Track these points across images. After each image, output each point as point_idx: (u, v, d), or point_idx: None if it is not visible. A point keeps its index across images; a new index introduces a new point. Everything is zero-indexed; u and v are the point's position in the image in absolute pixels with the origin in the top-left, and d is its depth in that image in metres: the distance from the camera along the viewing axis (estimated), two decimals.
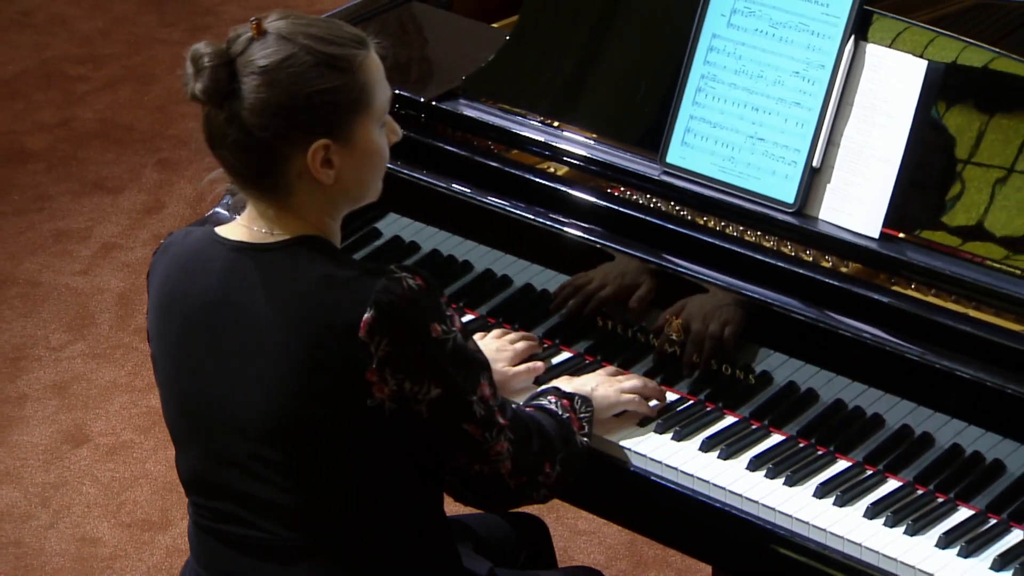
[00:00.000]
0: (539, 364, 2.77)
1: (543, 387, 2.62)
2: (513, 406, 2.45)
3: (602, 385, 2.64)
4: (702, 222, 2.72)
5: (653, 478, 2.62)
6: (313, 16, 2.37)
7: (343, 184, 2.35)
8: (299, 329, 2.29)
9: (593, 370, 2.76)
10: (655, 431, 2.66)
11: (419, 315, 2.29)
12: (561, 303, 2.81)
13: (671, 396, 2.71)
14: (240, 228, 2.37)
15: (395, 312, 2.27)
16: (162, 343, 2.41)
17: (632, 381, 2.67)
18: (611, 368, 2.74)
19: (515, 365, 2.74)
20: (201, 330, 2.36)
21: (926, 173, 2.59)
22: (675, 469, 2.60)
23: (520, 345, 2.77)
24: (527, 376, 2.74)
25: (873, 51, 2.63)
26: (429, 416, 2.31)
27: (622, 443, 2.64)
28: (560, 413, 2.52)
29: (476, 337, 2.51)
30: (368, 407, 2.29)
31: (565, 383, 2.63)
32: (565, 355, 2.81)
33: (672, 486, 2.60)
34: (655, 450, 2.63)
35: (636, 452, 2.63)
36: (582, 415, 2.55)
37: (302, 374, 2.29)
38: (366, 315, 2.26)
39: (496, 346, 2.75)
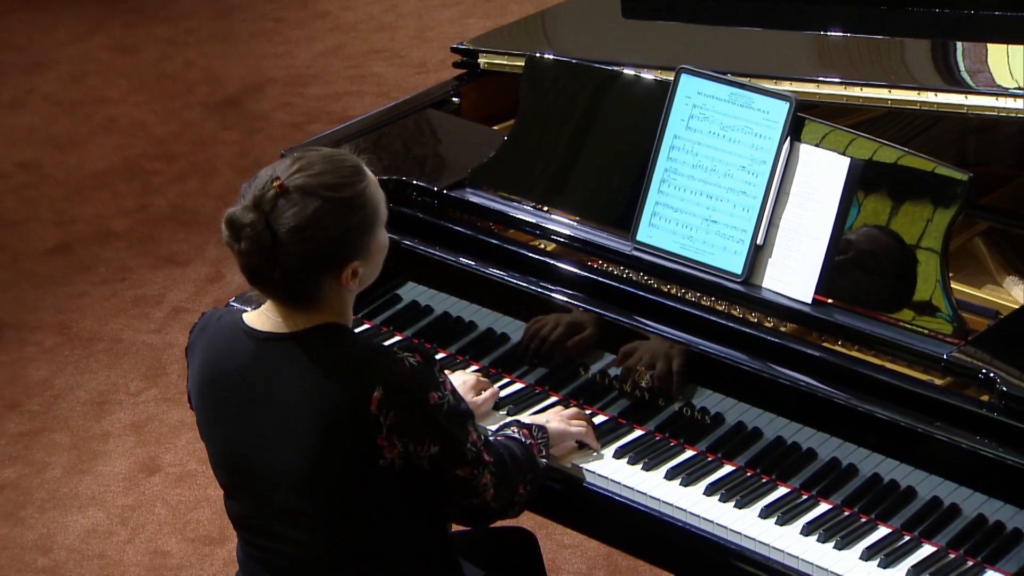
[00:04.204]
0: (496, 388, 2.75)
1: (506, 420, 2.60)
2: (490, 439, 2.44)
3: (554, 420, 2.64)
4: (666, 289, 2.72)
5: (626, 501, 2.60)
6: (318, 155, 2.30)
7: (363, 282, 2.34)
8: (320, 405, 2.26)
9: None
10: (628, 462, 2.64)
11: (419, 388, 2.27)
12: (549, 355, 2.81)
13: (638, 433, 2.71)
14: (265, 318, 2.33)
15: (399, 389, 2.25)
16: (204, 413, 2.38)
17: (577, 420, 2.66)
18: (559, 408, 2.72)
19: (478, 395, 2.73)
20: (237, 405, 2.33)
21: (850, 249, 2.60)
22: (644, 494, 2.58)
23: (471, 379, 2.74)
24: (490, 400, 2.72)
25: (806, 149, 2.64)
26: (430, 467, 2.30)
27: (598, 472, 2.63)
28: (524, 440, 2.51)
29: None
30: (381, 466, 2.27)
31: (524, 418, 2.63)
32: (553, 399, 2.80)
33: (642, 508, 2.59)
34: (628, 478, 2.61)
35: (611, 479, 2.61)
36: (539, 440, 2.53)
37: (323, 441, 2.27)
38: (375, 393, 2.24)
39: (462, 380, 2.73)
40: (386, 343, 2.61)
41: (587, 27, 3.48)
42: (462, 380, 2.73)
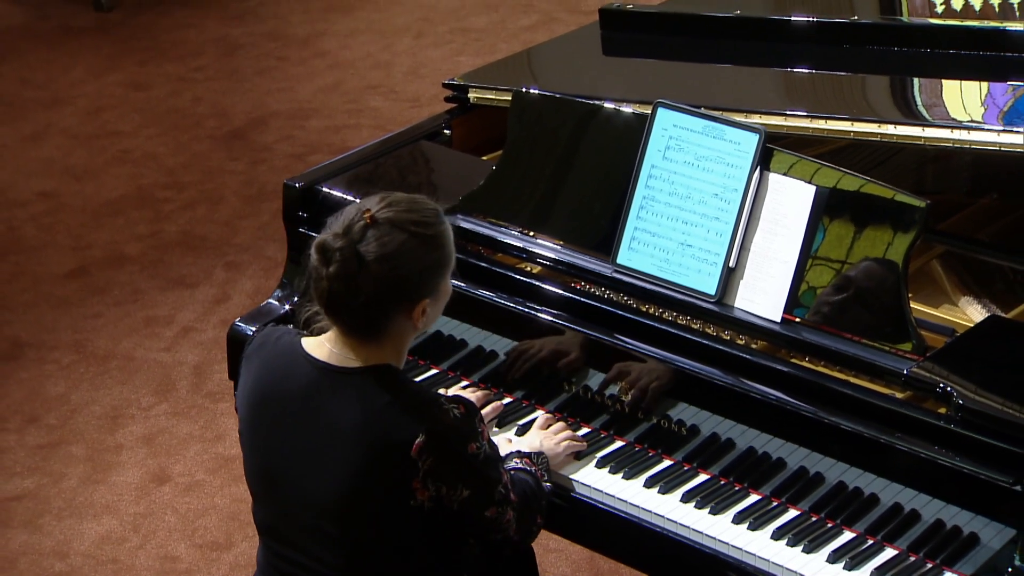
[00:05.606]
0: (499, 403, 2.75)
1: (507, 453, 2.57)
2: (511, 473, 2.43)
3: (545, 440, 2.63)
4: (644, 309, 2.72)
5: (607, 508, 2.60)
6: (404, 195, 2.34)
7: (425, 325, 2.35)
8: (364, 441, 2.25)
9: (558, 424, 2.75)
10: (609, 471, 2.64)
11: (459, 438, 2.27)
12: (535, 371, 2.81)
13: (619, 444, 2.70)
14: (325, 349, 2.32)
15: (441, 438, 2.25)
16: (249, 424, 2.37)
17: (562, 433, 2.66)
18: (541, 420, 2.71)
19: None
20: (285, 424, 2.32)
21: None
22: (625, 501, 2.58)
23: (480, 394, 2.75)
24: (492, 414, 2.72)
25: (774, 178, 2.64)
26: (459, 509, 2.30)
27: (582, 480, 2.62)
28: (531, 470, 2.50)
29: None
30: (411, 506, 2.27)
31: (521, 445, 2.60)
32: (539, 413, 2.80)
33: (622, 514, 2.58)
34: (609, 486, 2.61)
35: (594, 487, 2.61)
36: (541, 467, 2.53)
37: (360, 474, 2.26)
38: (418, 439, 2.23)
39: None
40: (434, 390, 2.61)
41: (570, 64, 3.49)
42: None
